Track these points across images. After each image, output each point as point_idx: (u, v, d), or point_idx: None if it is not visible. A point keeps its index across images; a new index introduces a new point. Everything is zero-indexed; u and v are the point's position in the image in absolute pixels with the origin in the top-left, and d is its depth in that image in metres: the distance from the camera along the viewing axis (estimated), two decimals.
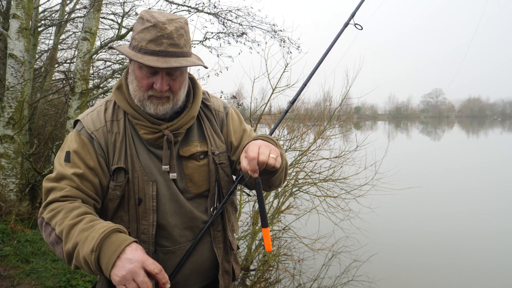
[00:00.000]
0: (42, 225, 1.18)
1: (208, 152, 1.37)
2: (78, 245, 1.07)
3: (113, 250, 1.02)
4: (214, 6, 6.01)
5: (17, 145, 4.80)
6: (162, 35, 1.19)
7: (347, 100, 5.65)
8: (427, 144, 31.07)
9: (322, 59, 1.60)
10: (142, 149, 1.30)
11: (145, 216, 1.26)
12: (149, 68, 1.22)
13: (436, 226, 7.97)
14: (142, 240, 1.27)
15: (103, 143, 1.27)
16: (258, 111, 5.18)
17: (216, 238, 1.40)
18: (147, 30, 1.20)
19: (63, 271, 3.66)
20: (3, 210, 4.58)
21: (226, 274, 1.43)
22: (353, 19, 1.65)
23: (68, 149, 1.26)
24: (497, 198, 10.38)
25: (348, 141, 6.16)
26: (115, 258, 1.01)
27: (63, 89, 6.64)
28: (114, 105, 1.34)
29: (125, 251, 1.02)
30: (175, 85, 1.27)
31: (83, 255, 1.04)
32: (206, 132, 1.40)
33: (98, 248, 1.03)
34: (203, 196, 1.37)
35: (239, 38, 6.16)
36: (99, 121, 1.30)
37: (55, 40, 7.74)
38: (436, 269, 5.95)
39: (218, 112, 1.47)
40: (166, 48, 1.19)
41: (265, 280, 4.90)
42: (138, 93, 1.27)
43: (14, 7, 4.65)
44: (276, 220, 5.25)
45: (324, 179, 5.43)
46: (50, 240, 1.15)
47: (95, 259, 1.03)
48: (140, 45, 1.21)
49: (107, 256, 1.02)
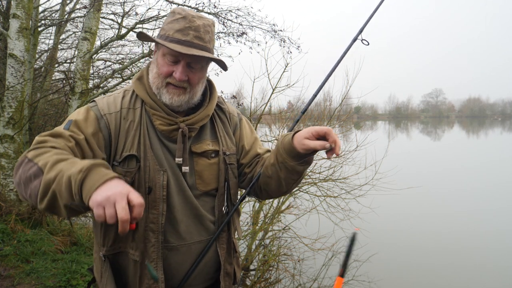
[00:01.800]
0: (22, 163, 1.10)
1: (220, 151, 1.39)
2: (63, 171, 1.01)
3: (102, 175, 0.98)
4: (214, 6, 6.02)
5: (17, 145, 4.80)
6: (190, 27, 1.25)
7: (347, 100, 5.66)
8: (427, 144, 31.07)
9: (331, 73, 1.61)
10: (156, 140, 1.31)
11: (154, 205, 1.26)
12: (171, 57, 1.26)
13: (436, 226, 7.97)
14: (151, 229, 1.26)
15: (112, 127, 1.27)
16: (258, 111, 5.19)
17: (220, 238, 1.40)
18: (176, 21, 1.26)
19: (63, 271, 3.66)
20: (3, 210, 4.58)
21: (227, 276, 1.43)
22: (361, 34, 1.66)
23: (71, 118, 1.25)
24: (497, 198, 10.39)
25: (348, 141, 6.16)
26: (102, 182, 0.97)
27: (63, 89, 6.64)
28: (132, 94, 1.35)
29: (112, 179, 0.99)
30: (194, 77, 1.30)
31: (68, 174, 0.99)
32: (218, 132, 1.42)
33: (86, 170, 0.98)
34: (209, 194, 1.38)
35: (239, 38, 6.16)
36: (115, 106, 1.30)
37: (55, 40, 7.74)
38: (436, 269, 5.95)
39: (232, 115, 1.50)
40: (192, 39, 1.25)
41: (265, 280, 4.90)
42: (157, 80, 1.30)
43: (14, 6, 4.64)
44: (276, 220, 5.25)
45: (324, 179, 5.43)
46: (27, 175, 1.07)
47: (80, 179, 0.97)
48: (167, 33, 1.26)
49: (94, 179, 0.97)
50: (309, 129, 1.21)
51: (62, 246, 4.42)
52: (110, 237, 1.29)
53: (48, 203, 1.03)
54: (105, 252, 1.30)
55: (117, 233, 1.27)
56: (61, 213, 1.04)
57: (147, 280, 1.27)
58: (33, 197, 1.05)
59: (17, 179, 1.11)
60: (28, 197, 1.08)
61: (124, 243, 1.29)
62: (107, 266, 1.29)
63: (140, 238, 1.26)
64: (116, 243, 1.29)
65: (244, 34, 6.19)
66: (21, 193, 1.11)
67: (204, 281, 1.40)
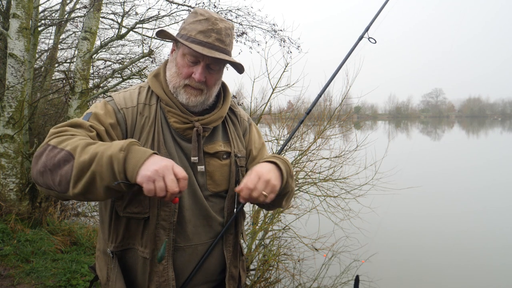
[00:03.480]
0: (45, 151, 1.07)
1: (232, 153, 1.39)
2: (99, 152, 1.01)
3: (143, 151, 1.03)
4: (214, 5, 6.01)
5: (17, 145, 4.79)
6: (212, 29, 1.26)
7: (347, 99, 5.65)
8: (427, 144, 31.07)
9: (337, 71, 1.61)
10: (169, 138, 1.31)
11: (166, 202, 1.25)
12: (192, 57, 1.27)
13: (436, 225, 7.98)
14: (163, 227, 1.25)
15: (129, 121, 1.27)
16: (258, 111, 5.18)
17: (227, 241, 1.39)
18: (199, 22, 1.27)
19: (63, 271, 3.66)
20: (3, 209, 4.58)
21: (232, 279, 1.42)
22: (368, 32, 1.66)
23: (89, 111, 1.25)
24: (497, 198, 10.39)
25: (348, 140, 6.15)
26: (146, 157, 1.01)
27: (63, 89, 6.64)
28: (148, 90, 1.36)
29: (154, 155, 1.03)
30: (211, 79, 1.31)
31: (108, 154, 1.00)
32: (230, 134, 1.43)
33: (127, 149, 1.02)
34: (219, 196, 1.38)
35: (239, 37, 6.16)
36: (131, 101, 1.31)
37: (55, 40, 7.73)
38: (436, 269, 5.95)
39: (243, 119, 1.52)
40: (214, 41, 1.26)
41: (265, 280, 4.90)
42: (175, 80, 1.30)
43: (14, 6, 4.64)
44: (276, 220, 5.25)
45: (324, 179, 5.43)
46: (54, 161, 1.04)
47: (123, 157, 1.00)
48: (189, 34, 1.27)
49: (137, 156, 1.01)
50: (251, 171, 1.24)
51: (62, 246, 4.42)
52: (119, 233, 1.27)
53: (84, 186, 1.02)
54: (113, 248, 1.28)
55: (126, 229, 1.27)
56: (98, 195, 1.04)
57: (157, 278, 1.25)
58: (64, 183, 1.03)
59: (40, 167, 1.07)
60: (56, 184, 1.05)
61: (133, 239, 1.27)
62: (115, 263, 1.27)
63: (150, 236, 1.24)
64: (125, 239, 1.28)
65: (244, 34, 6.19)
66: (46, 182, 1.07)
67: (209, 282, 1.39)
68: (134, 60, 5.86)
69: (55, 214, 5.30)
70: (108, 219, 1.30)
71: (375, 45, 1.63)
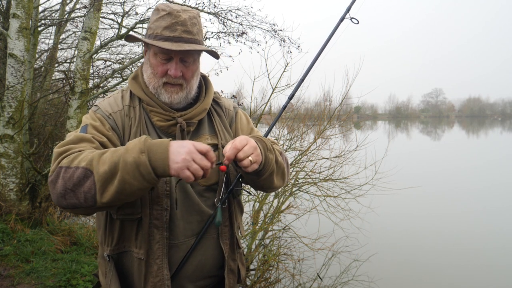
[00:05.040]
0: (60, 174, 1.08)
1: (219, 145, 1.40)
2: (120, 159, 1.05)
3: (160, 145, 1.06)
4: (214, 5, 6.01)
5: (17, 145, 4.79)
6: (177, 22, 1.26)
7: (347, 99, 5.65)
8: (427, 143, 31.07)
9: (319, 53, 1.60)
10: (155, 136, 1.33)
11: (158, 201, 1.26)
12: (163, 55, 1.28)
13: (436, 225, 7.98)
14: (156, 226, 1.26)
15: (119, 124, 1.30)
16: (258, 111, 5.18)
17: (223, 233, 1.39)
18: (162, 18, 1.27)
19: (63, 271, 3.66)
20: (3, 209, 4.58)
21: (231, 273, 1.41)
22: (349, 13, 1.64)
23: (84, 124, 1.27)
24: (497, 198, 10.38)
25: (348, 140, 6.15)
26: (167, 151, 1.05)
27: (63, 89, 6.64)
28: (130, 93, 1.38)
29: (171, 144, 1.07)
30: (188, 72, 1.31)
31: (131, 160, 1.04)
32: (216, 126, 1.43)
33: (145, 149, 1.05)
34: (212, 189, 1.38)
35: (239, 37, 6.15)
36: (117, 105, 1.34)
37: (55, 40, 7.73)
38: (436, 269, 5.95)
39: (228, 110, 1.51)
40: (180, 34, 1.26)
41: (265, 280, 4.90)
42: (153, 80, 1.31)
43: (14, 6, 4.64)
44: (276, 220, 5.25)
45: (324, 179, 5.43)
46: (74, 181, 1.06)
47: (148, 159, 1.04)
48: (155, 32, 1.27)
49: (159, 152, 1.05)
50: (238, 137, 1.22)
51: (62, 246, 4.42)
52: (114, 236, 1.28)
53: (114, 196, 1.06)
54: (110, 252, 1.30)
55: (120, 232, 1.28)
56: (130, 198, 1.09)
57: (152, 278, 1.26)
58: (90, 198, 1.06)
59: (61, 191, 1.08)
60: (82, 202, 1.07)
61: (128, 241, 1.28)
62: (111, 266, 1.29)
63: (144, 236, 1.25)
64: (120, 242, 1.29)
65: (244, 34, 6.18)
66: (70, 203, 1.09)
67: (206, 278, 1.39)
68: (134, 60, 5.86)
69: (55, 214, 5.30)
70: (103, 223, 1.31)
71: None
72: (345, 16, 1.64)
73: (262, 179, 1.31)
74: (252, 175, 1.29)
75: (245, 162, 1.17)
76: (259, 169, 1.25)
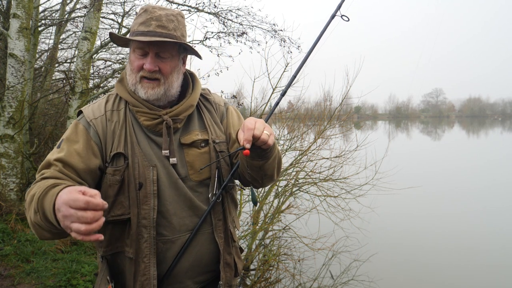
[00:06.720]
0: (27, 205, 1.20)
1: (209, 140, 1.40)
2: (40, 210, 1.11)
3: (48, 202, 1.06)
4: (214, 5, 6.01)
5: (17, 145, 4.80)
6: (151, 18, 1.29)
7: (347, 99, 5.65)
8: (427, 143, 31.07)
9: (311, 50, 1.61)
10: (142, 136, 1.34)
11: (146, 201, 1.27)
12: (139, 50, 1.30)
13: (436, 225, 7.97)
14: (143, 225, 1.27)
15: (100, 131, 1.31)
16: (258, 111, 5.18)
17: (217, 227, 1.39)
18: (140, 16, 1.31)
19: (63, 271, 3.66)
20: (4, 209, 4.58)
21: (227, 266, 1.42)
22: (340, 10, 1.66)
23: (63, 137, 1.31)
24: (497, 198, 10.38)
25: (348, 140, 6.15)
26: (52, 210, 1.03)
27: (64, 89, 6.65)
28: (115, 97, 1.40)
29: (56, 200, 1.02)
30: (165, 67, 1.32)
31: (37, 219, 1.10)
32: (206, 122, 1.44)
33: (39, 209, 1.08)
34: (204, 184, 1.38)
35: (239, 37, 6.15)
36: (99, 111, 1.35)
37: (55, 40, 7.74)
38: (436, 269, 5.95)
39: (218, 105, 1.52)
40: (154, 28, 1.28)
41: (265, 280, 4.90)
42: (131, 77, 1.33)
43: (15, 6, 4.64)
44: (276, 220, 5.25)
45: (324, 179, 5.43)
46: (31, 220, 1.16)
47: (42, 218, 1.07)
48: (133, 29, 1.31)
49: (48, 211, 1.06)
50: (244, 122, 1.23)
51: (62, 245, 4.42)
52: (105, 238, 1.30)
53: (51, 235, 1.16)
54: (103, 253, 1.32)
55: (112, 232, 1.30)
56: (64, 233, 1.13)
57: (140, 277, 1.28)
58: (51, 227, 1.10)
59: (30, 223, 1.17)
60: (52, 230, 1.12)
61: (121, 242, 1.31)
62: (104, 267, 1.31)
63: (133, 236, 1.27)
64: (113, 242, 1.31)
65: (244, 34, 6.18)
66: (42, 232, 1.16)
67: (202, 273, 1.39)
68: None
69: None
70: None
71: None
72: (335, 13, 1.65)
73: (268, 163, 1.32)
74: (262, 158, 1.29)
75: (264, 137, 1.19)
76: (270, 148, 1.27)
